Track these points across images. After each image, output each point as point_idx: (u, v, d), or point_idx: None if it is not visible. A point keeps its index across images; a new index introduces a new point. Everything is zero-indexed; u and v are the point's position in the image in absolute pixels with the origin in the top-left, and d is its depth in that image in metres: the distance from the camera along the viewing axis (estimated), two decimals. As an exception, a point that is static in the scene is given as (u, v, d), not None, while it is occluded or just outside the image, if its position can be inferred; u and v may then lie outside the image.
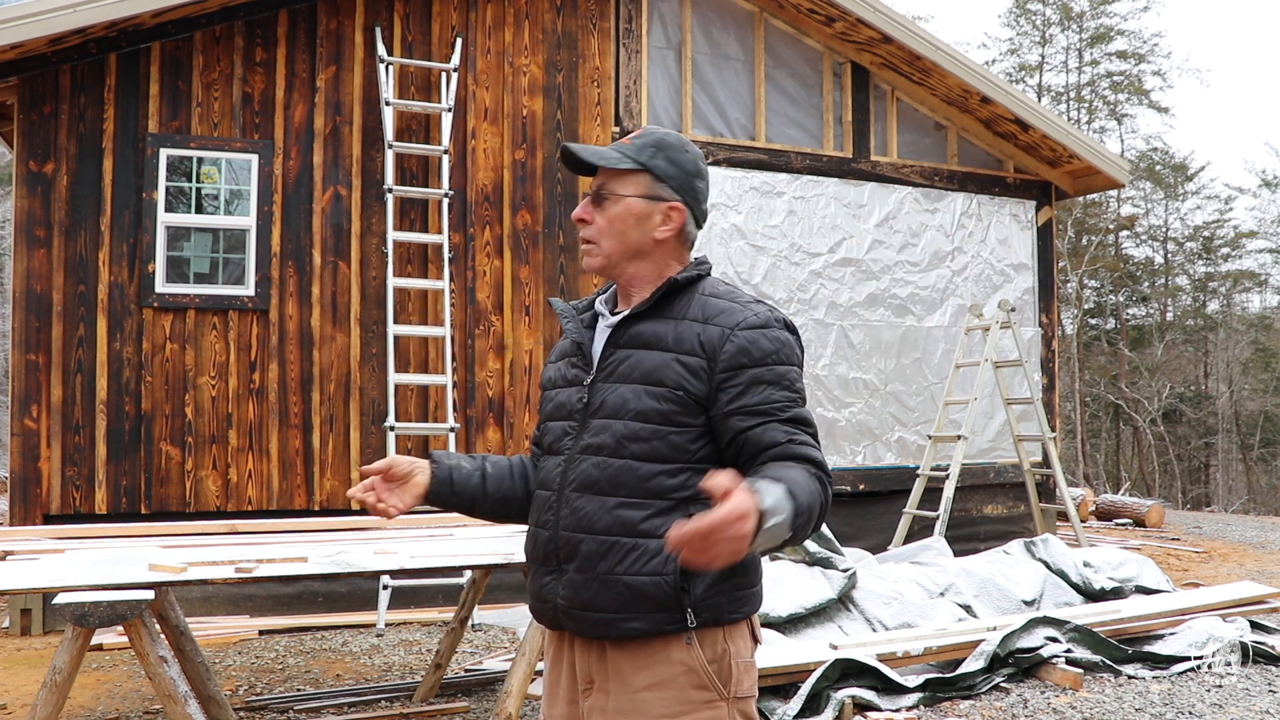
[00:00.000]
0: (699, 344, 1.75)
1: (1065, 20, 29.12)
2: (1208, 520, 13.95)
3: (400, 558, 3.73)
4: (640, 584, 1.71)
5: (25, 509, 6.05)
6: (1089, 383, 26.89)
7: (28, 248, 6.17)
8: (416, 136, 6.96)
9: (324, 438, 6.61)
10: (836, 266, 8.23)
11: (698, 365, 1.75)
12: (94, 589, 3.16)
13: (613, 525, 1.74)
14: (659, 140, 1.85)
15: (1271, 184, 30.54)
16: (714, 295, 1.82)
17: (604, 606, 1.74)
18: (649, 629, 1.72)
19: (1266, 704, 4.44)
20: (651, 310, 1.82)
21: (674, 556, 1.67)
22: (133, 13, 6.01)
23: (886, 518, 8.23)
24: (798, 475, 1.63)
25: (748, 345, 1.74)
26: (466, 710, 4.42)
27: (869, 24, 7.87)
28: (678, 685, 1.72)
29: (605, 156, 1.85)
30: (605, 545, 1.74)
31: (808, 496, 1.60)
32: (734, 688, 1.75)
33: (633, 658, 1.75)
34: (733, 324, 1.76)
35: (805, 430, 1.74)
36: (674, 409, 1.74)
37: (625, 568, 1.72)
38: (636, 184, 1.83)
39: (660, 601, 1.71)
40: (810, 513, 1.61)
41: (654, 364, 1.77)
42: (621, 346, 1.82)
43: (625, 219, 1.84)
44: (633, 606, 1.72)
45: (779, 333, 1.77)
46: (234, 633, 5.88)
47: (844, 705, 4.17)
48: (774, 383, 1.73)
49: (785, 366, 1.75)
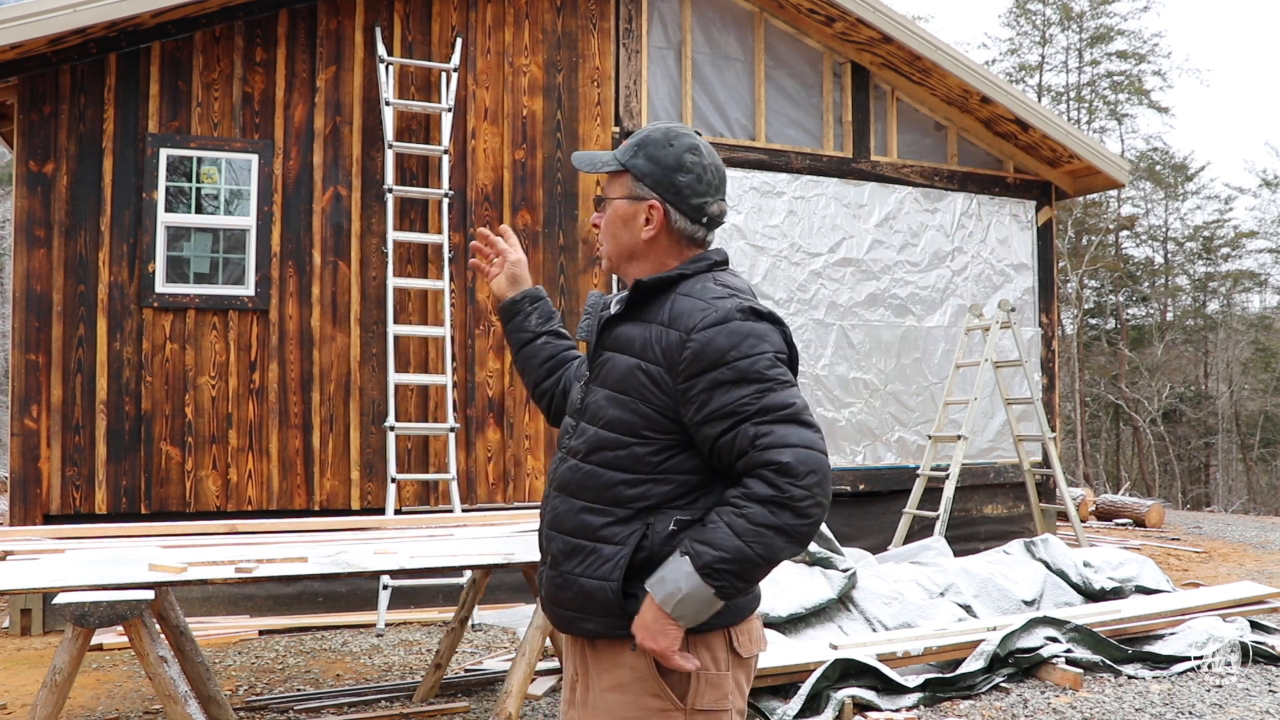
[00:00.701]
0: (660, 351, 1.72)
1: (1065, 20, 29.11)
2: (1208, 520, 13.95)
3: (400, 558, 3.73)
4: (590, 587, 1.74)
5: (25, 509, 6.05)
6: (1089, 383, 26.89)
7: (28, 248, 6.17)
8: (416, 136, 6.96)
9: (324, 438, 6.61)
10: (836, 266, 8.22)
11: (658, 374, 1.72)
12: (94, 589, 3.16)
13: (577, 528, 1.77)
14: (643, 138, 1.83)
15: (1271, 184, 30.54)
16: (687, 294, 1.77)
17: (566, 604, 1.79)
18: (601, 631, 1.75)
19: (1266, 704, 4.44)
20: (628, 312, 1.82)
21: (621, 563, 1.71)
22: (133, 13, 6.01)
23: (886, 518, 8.23)
24: (721, 525, 1.63)
25: (702, 348, 1.68)
26: (466, 710, 4.42)
27: (869, 24, 7.87)
28: (633, 690, 1.73)
29: (594, 160, 1.86)
30: (570, 546, 1.78)
31: (730, 543, 1.61)
32: (693, 699, 1.71)
33: (599, 657, 1.78)
34: (689, 327, 1.71)
35: (775, 419, 1.65)
36: (638, 421, 1.73)
37: (582, 570, 1.75)
38: (621, 185, 1.83)
39: (605, 606, 1.73)
40: (739, 551, 1.61)
41: (622, 371, 1.77)
42: (606, 348, 1.84)
43: (614, 221, 1.85)
44: (586, 608, 1.75)
45: (738, 324, 1.69)
46: (234, 633, 5.88)
47: (844, 705, 4.17)
48: (736, 381, 1.67)
49: (747, 359, 1.67)
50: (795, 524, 1.62)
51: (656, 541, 1.71)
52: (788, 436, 1.64)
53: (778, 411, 1.66)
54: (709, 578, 1.61)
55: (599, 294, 1.97)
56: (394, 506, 6.45)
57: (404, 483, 6.72)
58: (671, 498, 1.73)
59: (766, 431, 1.64)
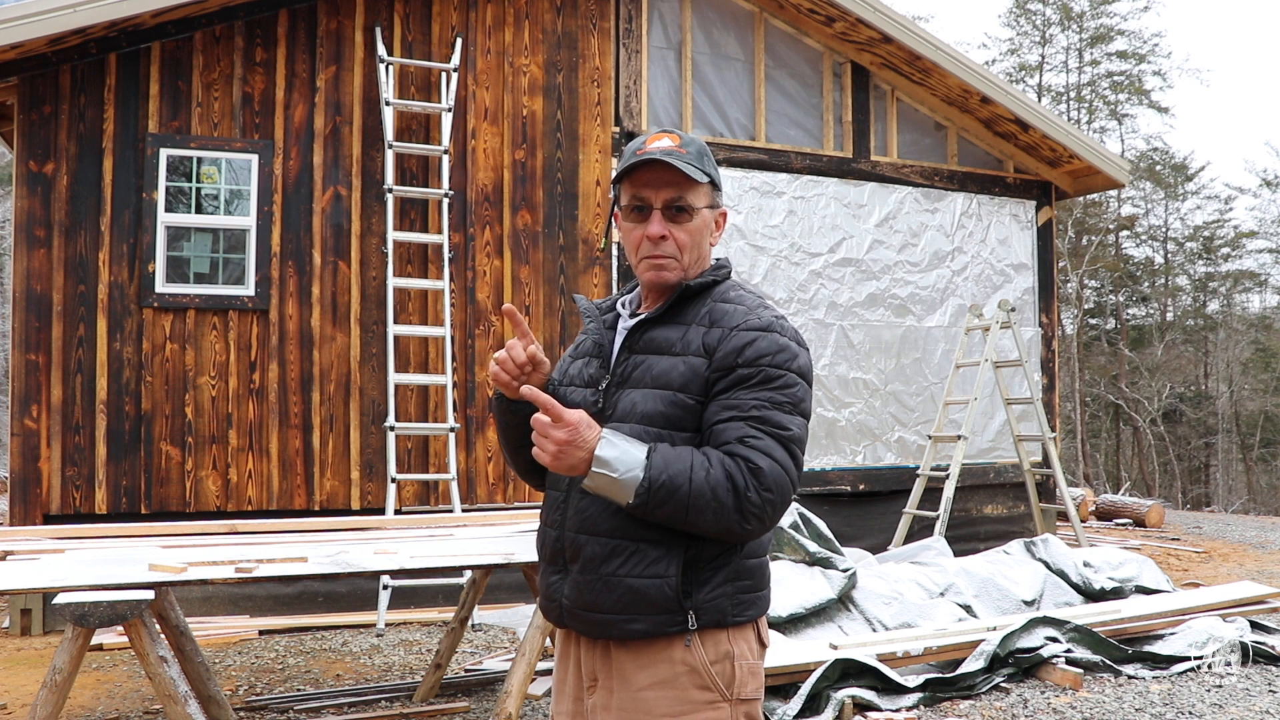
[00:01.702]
0: (702, 345, 1.77)
1: (1065, 20, 29.11)
2: (1208, 520, 13.95)
3: (400, 558, 3.73)
4: (641, 586, 1.72)
5: (25, 509, 6.05)
6: (1089, 383, 26.89)
7: (28, 248, 6.17)
8: (416, 136, 6.96)
9: (324, 438, 6.61)
10: (836, 266, 8.23)
11: (700, 365, 1.76)
12: (94, 589, 3.16)
13: (616, 528, 1.75)
14: (701, 149, 1.86)
15: (1271, 184, 30.55)
16: (724, 300, 1.84)
17: (607, 607, 1.75)
18: (650, 630, 1.73)
19: (1266, 704, 4.44)
20: (665, 315, 1.85)
21: (676, 559, 1.71)
22: (133, 13, 6.01)
23: (886, 518, 8.23)
24: (693, 462, 1.64)
25: (743, 345, 1.74)
26: (466, 710, 4.42)
27: (869, 24, 7.87)
28: (680, 685, 1.73)
29: (691, 169, 1.80)
30: (609, 547, 1.75)
31: (680, 478, 1.62)
32: (737, 689, 1.76)
33: (635, 657, 1.76)
34: (733, 325, 1.77)
35: (771, 433, 1.68)
36: (678, 413, 1.75)
37: (628, 570, 1.73)
38: (705, 195, 1.87)
39: (662, 603, 1.72)
40: (676, 492, 1.62)
41: (663, 368, 1.79)
42: (636, 351, 1.84)
43: (702, 231, 1.87)
44: (635, 608, 1.73)
45: (778, 338, 1.76)
46: (234, 633, 5.88)
47: (844, 705, 4.17)
48: (760, 383, 1.72)
49: (776, 369, 1.73)
50: (733, 518, 1.65)
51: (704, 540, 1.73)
52: (773, 451, 1.69)
53: (776, 429, 1.70)
54: (642, 492, 1.63)
55: (588, 300, 1.98)
56: (394, 506, 6.45)
57: (404, 483, 6.72)
58: None
59: (758, 437, 1.69)
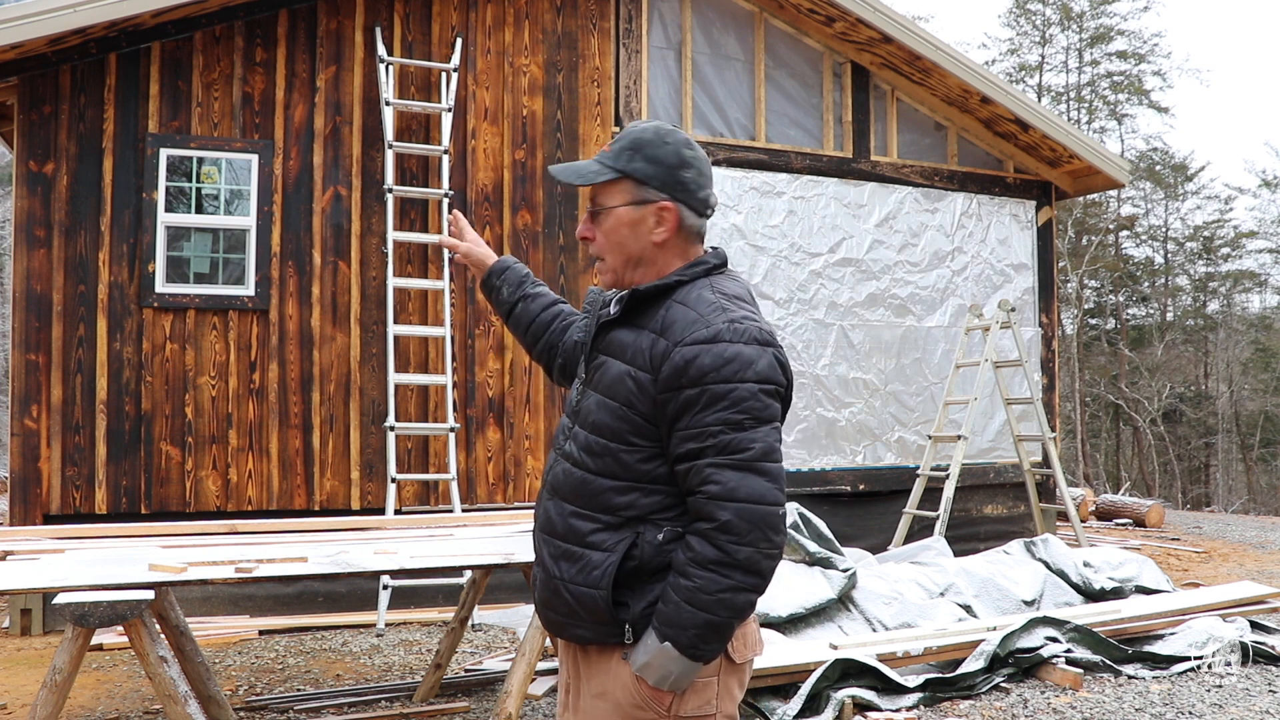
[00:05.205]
0: (649, 358, 1.70)
1: (1065, 20, 29.12)
2: (1208, 520, 13.95)
3: (400, 558, 3.73)
4: (581, 594, 1.72)
5: (25, 509, 6.05)
6: (1089, 383, 26.89)
7: (28, 248, 6.16)
8: (416, 136, 6.96)
9: (324, 438, 6.61)
10: (836, 266, 8.23)
11: (645, 381, 1.69)
12: (94, 589, 3.16)
13: (567, 533, 1.75)
14: (634, 140, 1.79)
15: (1271, 184, 30.54)
16: (682, 302, 1.73)
17: (557, 609, 1.77)
18: (593, 638, 1.74)
19: (1266, 704, 4.44)
20: (624, 317, 1.79)
21: (609, 570, 1.69)
22: (133, 13, 6.01)
23: (886, 518, 8.23)
24: (681, 604, 1.63)
25: (685, 364, 1.65)
26: (466, 710, 4.42)
27: (869, 24, 7.87)
28: (614, 698, 1.72)
29: (583, 172, 1.80)
30: (561, 550, 1.76)
31: (697, 618, 1.62)
32: (676, 706, 1.70)
33: (588, 663, 1.78)
34: (678, 339, 1.67)
35: (732, 463, 1.62)
36: (625, 427, 1.71)
37: (571, 576, 1.73)
38: (622, 192, 1.78)
39: (597, 614, 1.71)
40: (709, 623, 1.62)
41: (613, 376, 1.74)
42: (600, 352, 1.82)
43: (619, 230, 1.79)
44: (577, 614, 1.74)
45: (725, 347, 1.64)
46: (234, 633, 5.88)
47: (844, 705, 4.17)
48: (707, 405, 1.63)
49: (725, 385, 1.63)
50: (748, 579, 1.62)
51: (647, 551, 1.69)
52: (736, 490, 1.61)
53: (736, 454, 1.62)
54: (691, 653, 1.64)
55: (598, 289, 1.94)
56: (394, 506, 6.45)
57: (404, 483, 6.72)
58: (660, 508, 1.71)
59: (716, 480, 1.62)
